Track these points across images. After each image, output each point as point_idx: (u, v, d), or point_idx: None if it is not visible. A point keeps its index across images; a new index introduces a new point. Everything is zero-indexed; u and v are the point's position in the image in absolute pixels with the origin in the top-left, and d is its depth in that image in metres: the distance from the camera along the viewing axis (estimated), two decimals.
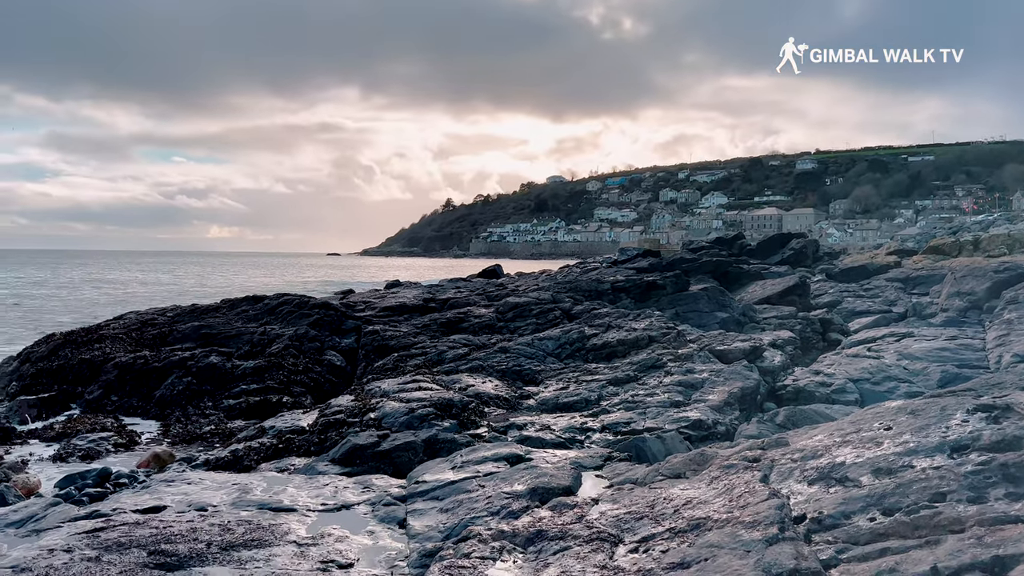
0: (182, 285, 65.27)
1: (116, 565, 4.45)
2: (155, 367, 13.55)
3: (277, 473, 7.79)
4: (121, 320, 16.82)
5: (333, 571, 4.47)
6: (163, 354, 14.03)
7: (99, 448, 10.37)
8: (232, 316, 16.20)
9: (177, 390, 12.92)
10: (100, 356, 14.13)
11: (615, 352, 12.98)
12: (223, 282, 71.53)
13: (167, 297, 45.67)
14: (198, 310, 16.90)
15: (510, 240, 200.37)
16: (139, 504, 5.84)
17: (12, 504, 7.51)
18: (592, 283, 18.22)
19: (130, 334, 15.49)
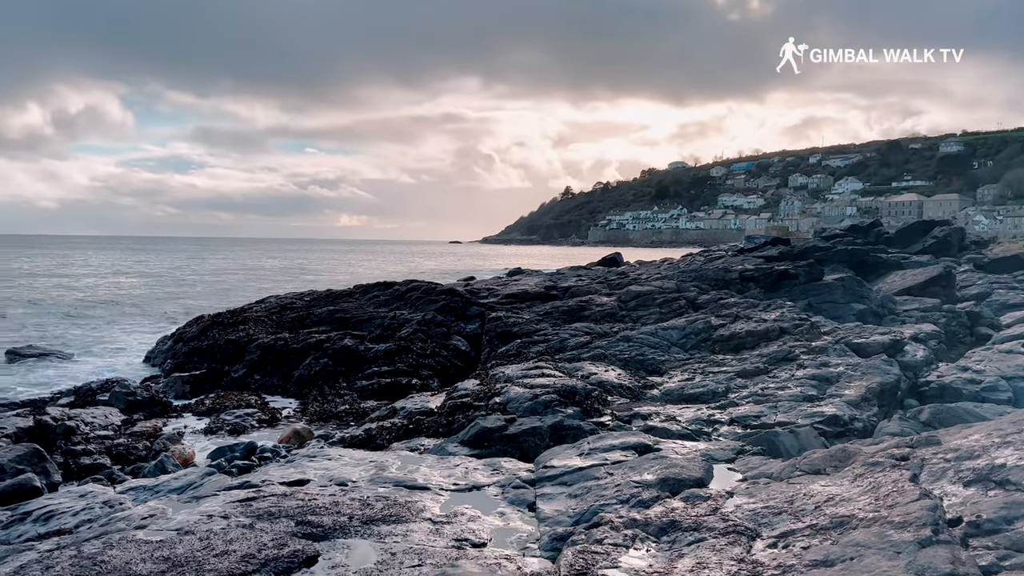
0: (315, 271, 68.50)
1: (268, 532, 4.75)
2: (294, 348, 14.31)
3: (409, 452, 8.08)
4: (263, 304, 17.85)
5: (467, 549, 4.59)
6: (301, 336, 14.79)
7: (244, 423, 11.08)
8: (364, 301, 16.86)
9: (314, 371, 13.59)
10: (244, 337, 15.06)
11: (743, 343, 12.61)
12: (352, 268, 74.54)
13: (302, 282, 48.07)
14: (333, 295, 17.69)
15: (629, 228, 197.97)
16: (285, 477, 6.19)
17: (171, 472, 8.15)
18: (718, 272, 17.76)
19: (271, 317, 16.41)
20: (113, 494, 6.43)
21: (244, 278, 57.52)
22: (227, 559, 4.30)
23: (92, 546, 4.61)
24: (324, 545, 4.61)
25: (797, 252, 22.74)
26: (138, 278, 55.48)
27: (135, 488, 6.68)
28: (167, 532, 4.82)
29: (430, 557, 4.42)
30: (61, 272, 61.35)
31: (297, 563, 4.32)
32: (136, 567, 4.19)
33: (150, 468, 8.40)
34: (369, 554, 4.51)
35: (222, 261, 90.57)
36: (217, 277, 58.46)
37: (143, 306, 34.02)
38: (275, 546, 4.52)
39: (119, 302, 35.72)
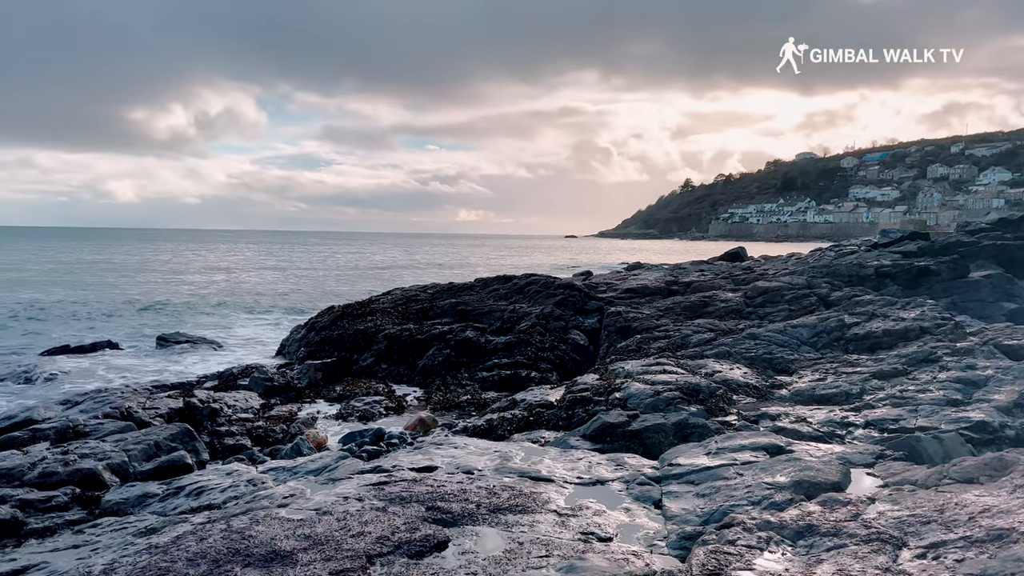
0: (436, 264, 70.20)
1: (400, 516, 4.92)
2: (418, 339, 14.71)
3: (531, 444, 8.15)
4: (389, 295, 18.44)
5: (593, 543, 4.59)
6: (425, 328, 15.19)
7: (372, 410, 11.48)
8: (485, 294, 17.12)
9: (437, 361, 13.93)
10: (372, 328, 15.61)
11: (879, 343, 11.96)
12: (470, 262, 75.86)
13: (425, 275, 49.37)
14: (454, 288, 18.06)
15: (753, 221, 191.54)
16: (414, 463, 6.39)
17: (306, 455, 8.57)
18: (852, 267, 16.91)
19: (396, 308, 16.94)
20: (256, 473, 6.83)
21: (370, 270, 59.66)
22: (363, 540, 4.48)
23: (240, 521, 4.91)
24: (454, 531, 4.72)
25: (938, 247, 21.31)
26: (272, 271, 58.56)
27: (275, 469, 7.07)
28: (307, 511, 5.07)
29: (557, 549, 4.45)
30: (203, 265, 65.61)
31: (429, 547, 4.44)
32: (281, 543, 4.42)
33: (287, 450, 8.84)
34: (497, 542, 4.59)
35: (349, 254, 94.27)
36: (344, 269, 60.92)
37: (277, 296, 35.91)
38: (407, 529, 4.67)
39: (256, 292, 37.86)
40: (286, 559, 4.20)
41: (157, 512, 6.11)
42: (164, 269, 57.88)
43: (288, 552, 4.28)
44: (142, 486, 6.74)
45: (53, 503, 6.47)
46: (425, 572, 4.11)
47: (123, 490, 6.72)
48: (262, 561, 4.19)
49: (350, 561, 4.16)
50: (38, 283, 42.26)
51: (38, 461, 7.22)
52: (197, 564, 4.20)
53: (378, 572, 4.10)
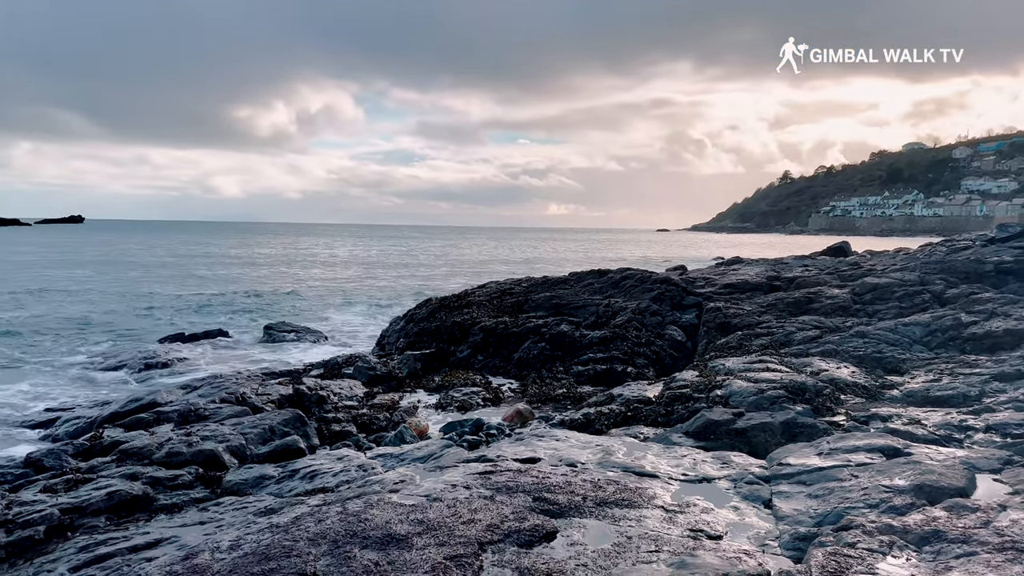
0: (527, 258, 70.53)
1: (507, 505, 4.99)
2: (513, 332, 14.84)
3: (631, 439, 8.12)
4: (484, 289, 18.66)
5: (703, 540, 4.54)
6: (520, 321, 15.30)
7: (471, 401, 11.67)
8: (579, 288, 17.10)
9: (532, 354, 14.02)
10: (468, 320, 15.84)
11: (1000, 343, 11.30)
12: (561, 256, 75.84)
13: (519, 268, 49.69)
14: (549, 281, 18.11)
15: (856, 215, 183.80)
16: (517, 454, 6.46)
17: (409, 442, 8.79)
18: (969, 263, 16.02)
19: (491, 301, 17.13)
20: (365, 459, 7.06)
21: (462, 264, 60.48)
22: (474, 527, 4.57)
23: (355, 505, 5.10)
24: (561, 522, 4.76)
25: None
26: (369, 264, 60.13)
27: (383, 455, 7.29)
28: (417, 497, 5.22)
29: (666, 544, 4.43)
30: (304, 258, 68.00)
31: (538, 537, 4.50)
32: (395, 527, 4.57)
33: (391, 437, 9.10)
34: (605, 535, 4.60)
35: (442, 248, 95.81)
36: (438, 263, 61.97)
37: (375, 288, 36.88)
38: (516, 519, 4.74)
39: (355, 284, 38.99)
40: (401, 543, 4.33)
41: (274, 493, 6.41)
42: (268, 261, 60.32)
43: (403, 536, 4.41)
44: (259, 468, 7.08)
45: (179, 481, 6.87)
46: (535, 562, 4.17)
47: (242, 471, 7.07)
48: (378, 544, 4.34)
49: (462, 547, 4.26)
50: (154, 274, 44.81)
51: (164, 442, 7.68)
52: (317, 544, 4.38)
53: (490, 559, 4.18)
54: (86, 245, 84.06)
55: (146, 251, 74.50)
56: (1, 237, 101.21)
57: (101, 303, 28.74)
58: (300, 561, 4.13)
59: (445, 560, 4.08)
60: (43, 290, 33.20)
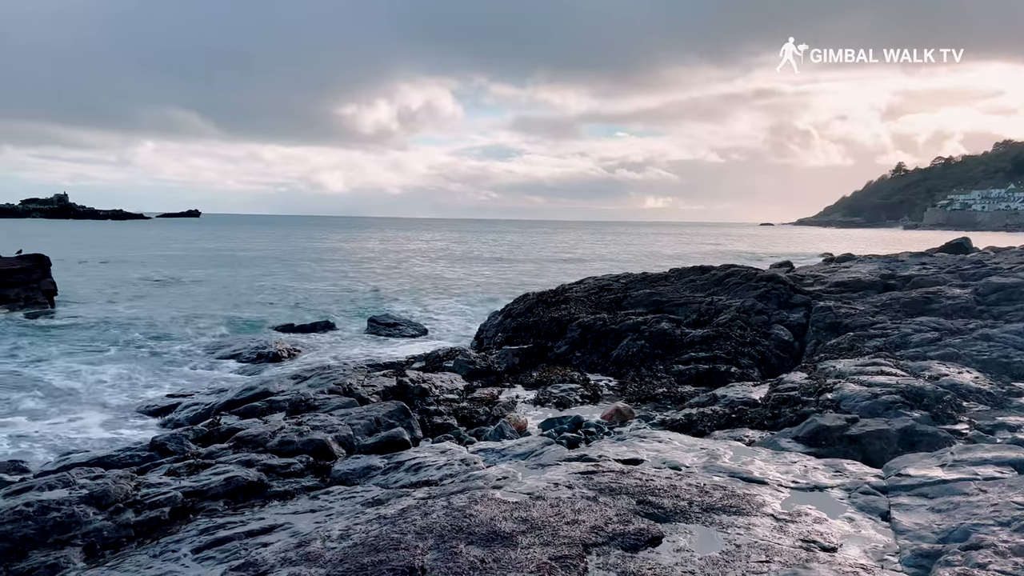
0: (624, 252, 69.85)
1: (611, 507, 4.95)
2: (612, 329, 14.71)
3: (735, 442, 7.90)
4: (581, 284, 18.58)
5: (816, 551, 4.37)
6: (618, 318, 15.16)
7: (569, 398, 11.64)
8: (680, 285, 16.79)
9: (631, 352, 13.86)
10: (566, 316, 15.81)
11: None
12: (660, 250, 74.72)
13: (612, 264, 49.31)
14: (648, 278, 17.86)
15: (976, 209, 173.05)
16: (619, 455, 6.40)
17: (509, 437, 8.85)
18: None
19: (589, 297, 17.04)
20: (467, 453, 7.15)
21: (559, 258, 60.47)
22: (577, 528, 4.55)
23: (459, 500, 5.16)
24: (667, 527, 4.68)
25: None
26: (468, 258, 60.93)
27: (484, 450, 7.36)
28: (520, 495, 5.24)
29: (777, 554, 4.28)
30: (406, 251, 69.57)
31: (643, 541, 4.44)
32: (499, 524, 4.60)
33: (491, 432, 9.18)
34: (712, 542, 4.49)
35: (538, 242, 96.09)
36: (534, 257, 62.18)
37: (472, 282, 37.35)
38: (620, 521, 4.68)
39: (452, 278, 39.61)
40: (506, 540, 4.36)
41: (380, 484, 6.57)
42: (371, 255, 62.05)
43: (507, 534, 4.44)
44: (366, 459, 7.28)
45: (291, 469, 7.15)
46: (641, 566, 4.11)
47: (350, 461, 7.29)
48: (483, 540, 4.38)
49: (567, 548, 4.25)
50: (265, 267, 46.83)
51: (277, 430, 8.00)
52: (424, 538, 4.46)
53: (594, 562, 4.15)
54: (203, 239, 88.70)
55: (258, 244, 77.97)
56: (126, 230, 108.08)
57: (216, 294, 30.28)
58: (408, 554, 4.21)
59: (550, 560, 4.08)
60: (162, 281, 35.25)
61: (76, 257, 48.28)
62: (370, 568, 4.10)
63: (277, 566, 4.40)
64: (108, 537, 5.84)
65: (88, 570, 5.33)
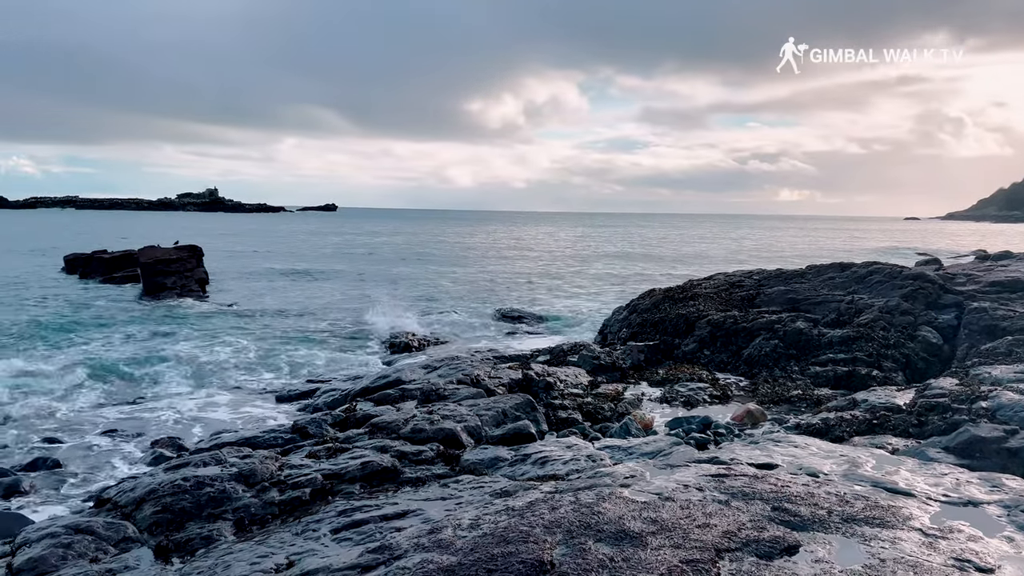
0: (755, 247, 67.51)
1: (744, 512, 4.80)
2: (743, 327, 14.26)
3: (877, 450, 7.48)
4: (711, 280, 18.12)
5: (971, 571, 4.07)
6: (750, 315, 14.67)
7: (697, 397, 11.39)
8: (817, 283, 16.05)
9: (764, 351, 13.39)
10: (694, 313, 15.46)
11: None
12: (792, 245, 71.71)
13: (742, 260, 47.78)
14: (783, 274, 17.19)
15: None
16: (752, 458, 6.20)
17: (635, 435, 8.76)
18: None
19: (719, 294, 16.58)
20: (593, 449, 7.13)
21: (685, 253, 59.23)
22: (709, 532, 4.45)
23: (587, 496, 5.16)
24: (803, 536, 4.49)
25: None
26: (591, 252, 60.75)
27: (610, 447, 7.32)
28: (648, 495, 5.17)
29: (926, 572, 4.02)
30: (530, 244, 70.15)
31: (778, 550, 4.28)
32: (628, 523, 4.56)
33: (616, 429, 9.12)
34: (854, 555, 4.28)
35: (664, 236, 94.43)
36: (660, 251, 61.17)
37: (595, 276, 37.20)
38: (754, 527, 4.54)
39: (575, 272, 39.59)
40: (635, 540, 4.32)
41: (508, 475, 6.67)
42: (497, 248, 62.98)
43: (637, 534, 4.40)
44: (493, 449, 7.40)
45: (422, 457, 7.37)
46: (777, 575, 3.97)
47: (477, 451, 7.44)
48: (612, 538, 4.36)
49: (698, 552, 4.16)
50: (396, 258, 48.48)
51: (409, 418, 8.27)
52: (553, 532, 4.49)
53: (727, 568, 4.05)
54: (339, 231, 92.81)
55: (389, 237, 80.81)
56: (270, 222, 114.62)
57: (352, 284, 31.64)
58: (537, 547, 4.25)
59: (681, 563, 4.01)
60: (303, 271, 37.18)
61: (226, 248, 51.68)
62: (500, 559, 4.16)
63: (411, 551, 4.55)
64: (255, 513, 6.23)
65: (237, 543, 5.70)
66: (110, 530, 5.87)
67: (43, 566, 5.36)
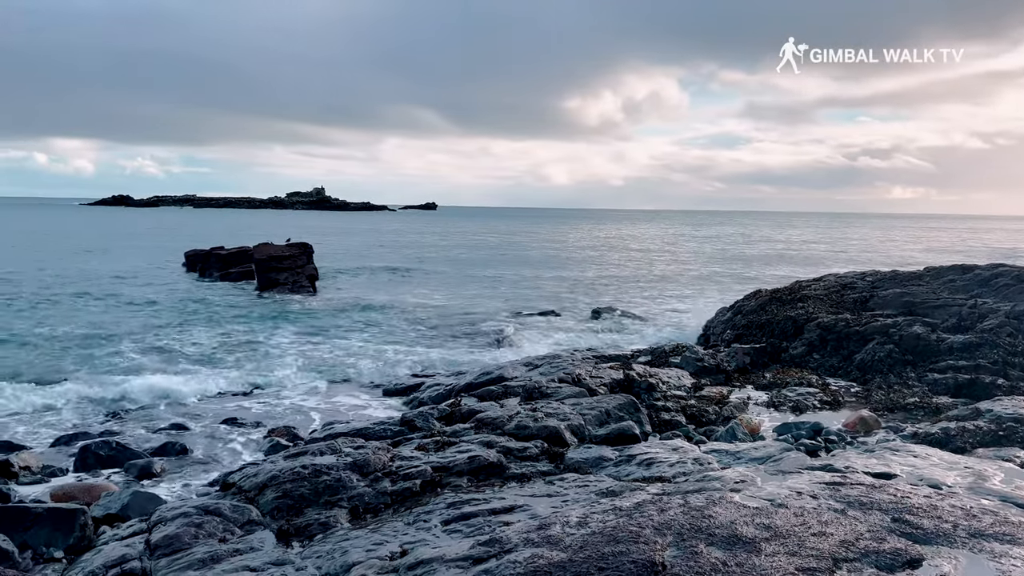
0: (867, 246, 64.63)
1: (862, 522, 4.66)
2: (855, 331, 13.73)
3: (1005, 463, 7.08)
4: (821, 282, 17.51)
5: None
6: (863, 319, 14.11)
7: (806, 402, 11.05)
8: (936, 285, 15.27)
9: (877, 356, 12.86)
10: (803, 315, 14.99)
11: None
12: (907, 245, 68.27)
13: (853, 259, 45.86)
14: (899, 276, 16.43)
15: None
16: (868, 467, 6.00)
17: (741, 439, 8.59)
18: None
19: (830, 296, 16.01)
20: (699, 452, 7.06)
21: (791, 252, 57.31)
22: (825, 540, 4.35)
23: (696, 499, 5.12)
24: (927, 550, 4.33)
25: None
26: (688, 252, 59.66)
27: (717, 451, 7.22)
28: (760, 500, 5.09)
29: None
30: (627, 243, 69.52)
31: (900, 562, 4.14)
32: (740, 528, 4.51)
33: (722, 433, 8.97)
34: (982, 572, 4.09)
35: (767, 234, 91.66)
36: (764, 250, 59.41)
37: (695, 276, 36.51)
38: (873, 539, 4.40)
39: (674, 271, 38.97)
40: (748, 546, 4.26)
41: (612, 475, 6.68)
42: (595, 246, 62.72)
43: (749, 539, 4.34)
44: (597, 449, 7.43)
45: (527, 453, 7.47)
46: None
47: (581, 450, 7.48)
48: (724, 543, 4.32)
49: (815, 560, 4.08)
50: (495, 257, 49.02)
51: (513, 415, 8.39)
52: (663, 534, 4.49)
53: None
54: (440, 229, 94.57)
55: (489, 235, 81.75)
56: (374, 221, 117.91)
57: (452, 282, 32.23)
58: (647, 548, 4.26)
59: (796, 571, 3.93)
60: (407, 269, 38.11)
61: (333, 245, 53.53)
62: (610, 558, 4.20)
63: (520, 545, 4.64)
64: (368, 502, 6.48)
65: (352, 530, 5.95)
66: (236, 512, 6.23)
67: (177, 543, 5.75)
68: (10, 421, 11.02)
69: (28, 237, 60.24)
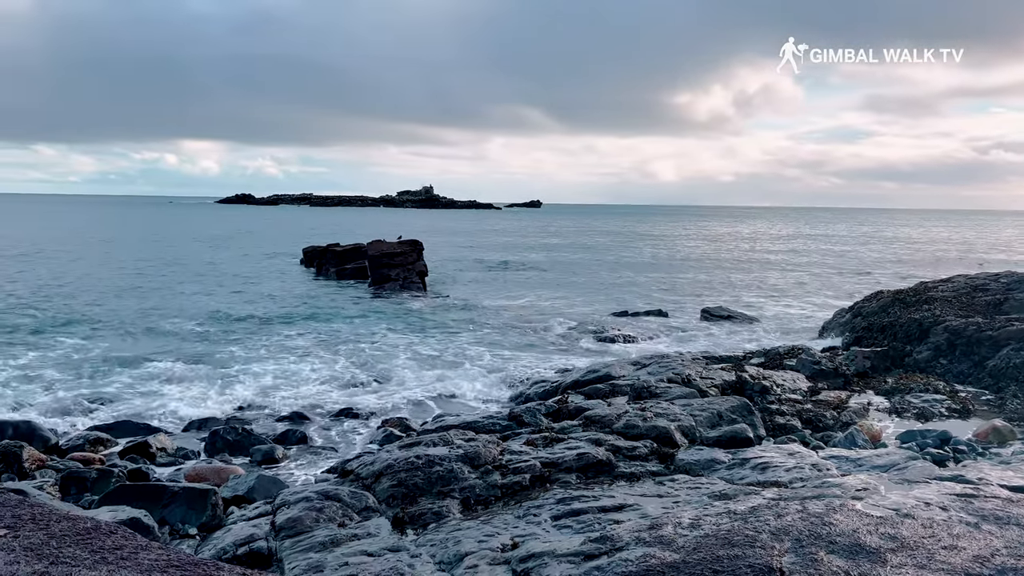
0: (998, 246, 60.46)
1: (997, 537, 4.39)
2: (988, 335, 12.91)
3: None
4: (949, 283, 16.54)
5: None
6: (997, 323, 13.25)
7: (932, 409, 10.49)
8: None
9: (1013, 363, 12.04)
10: (928, 318, 14.21)
11: None
12: None
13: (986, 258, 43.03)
14: None
15: None
16: (1004, 479, 5.65)
17: (860, 446, 8.24)
18: None
19: (959, 298, 15.11)
20: (817, 458, 6.82)
21: (916, 251, 54.29)
22: (957, 555, 4.13)
23: (815, 506, 4.96)
24: None
25: None
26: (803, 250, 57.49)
27: (836, 457, 6.96)
28: (884, 509, 4.88)
29: None
30: (741, 241, 67.67)
31: None
32: (863, 537, 4.34)
33: (840, 439, 8.63)
34: None
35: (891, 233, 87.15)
36: (884, 249, 56.54)
37: (814, 275, 35.14)
38: (1010, 555, 4.15)
39: (786, 270, 37.64)
40: (872, 555, 4.10)
41: (725, 479, 6.55)
42: (701, 244, 61.40)
43: (873, 549, 4.17)
44: (709, 451, 7.30)
45: (636, 452, 7.43)
46: None
47: (692, 451, 7.37)
48: (846, 551, 4.17)
49: (945, 575, 3.88)
50: (600, 255, 48.80)
51: (621, 413, 8.36)
52: (780, 539, 4.38)
53: None
54: (547, 227, 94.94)
55: (595, 234, 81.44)
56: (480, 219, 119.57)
57: (560, 282, 32.29)
58: (764, 553, 4.17)
59: None
60: (515, 267, 38.47)
61: (442, 242, 54.67)
62: (726, 561, 4.13)
63: (632, 544, 4.63)
64: (480, 494, 6.61)
65: (464, 521, 6.08)
66: (354, 499, 6.49)
67: (300, 526, 6.04)
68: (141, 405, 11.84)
69: (164, 230, 64.45)
